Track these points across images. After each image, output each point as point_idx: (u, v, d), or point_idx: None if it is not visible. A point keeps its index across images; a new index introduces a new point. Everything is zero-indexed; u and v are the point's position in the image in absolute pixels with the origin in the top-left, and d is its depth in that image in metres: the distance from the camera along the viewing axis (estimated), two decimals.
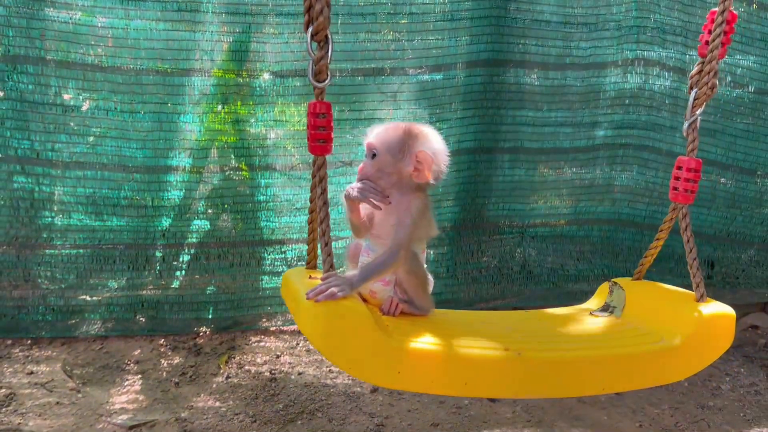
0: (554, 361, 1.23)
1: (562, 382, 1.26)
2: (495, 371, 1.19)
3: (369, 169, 1.25)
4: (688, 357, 1.34)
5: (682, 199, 1.43)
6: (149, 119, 2.42)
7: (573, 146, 2.86)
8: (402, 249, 1.22)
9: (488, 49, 2.66)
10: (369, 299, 1.30)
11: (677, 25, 2.72)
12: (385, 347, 1.12)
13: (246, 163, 2.58)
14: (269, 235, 2.65)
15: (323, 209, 1.15)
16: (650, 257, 1.53)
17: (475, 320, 1.47)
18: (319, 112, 1.15)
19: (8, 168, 2.35)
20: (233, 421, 2.08)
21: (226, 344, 2.57)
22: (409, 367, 1.13)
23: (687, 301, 1.39)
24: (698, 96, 1.37)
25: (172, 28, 2.36)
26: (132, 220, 2.49)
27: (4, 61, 2.25)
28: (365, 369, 1.13)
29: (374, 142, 1.25)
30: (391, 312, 1.28)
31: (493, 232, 2.91)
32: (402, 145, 1.24)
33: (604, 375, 1.27)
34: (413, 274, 1.27)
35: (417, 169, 1.23)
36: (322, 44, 1.12)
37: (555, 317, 1.55)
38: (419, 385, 1.17)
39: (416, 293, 1.29)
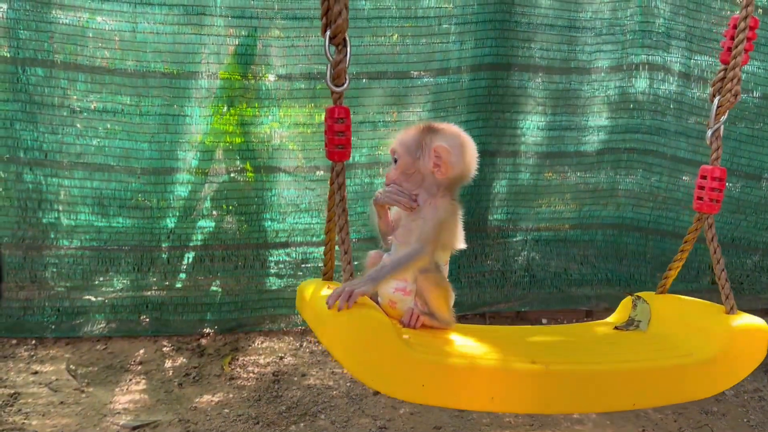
0: (583, 375, 1.19)
1: (591, 397, 1.22)
2: (523, 386, 1.16)
3: (393, 173, 1.26)
4: (720, 372, 1.29)
5: (707, 209, 1.38)
6: (155, 121, 2.44)
7: (577, 150, 2.86)
8: (426, 247, 1.19)
9: (493, 53, 2.67)
10: (389, 311, 1.27)
11: (682, 29, 2.72)
12: (408, 360, 1.09)
13: (251, 165, 2.59)
14: (273, 237, 2.66)
15: (342, 216, 1.13)
16: (675, 269, 1.46)
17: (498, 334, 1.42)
18: (337, 117, 1.12)
19: (17, 169, 2.37)
20: (236, 422, 2.09)
21: (229, 345, 2.58)
22: (433, 381, 1.10)
23: (717, 314, 1.34)
24: (721, 103, 1.33)
25: (179, 31, 2.38)
26: (137, 221, 2.51)
27: (14, 63, 2.27)
28: (389, 383, 1.10)
29: (395, 146, 1.26)
30: (412, 324, 1.25)
31: (497, 236, 2.91)
32: (419, 143, 1.23)
33: (634, 390, 1.24)
34: (435, 285, 1.24)
35: (436, 165, 1.22)
36: (340, 47, 1.10)
37: (579, 331, 1.51)
38: (445, 400, 1.15)
39: (438, 305, 1.25)
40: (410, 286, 1.24)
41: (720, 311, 1.34)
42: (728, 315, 1.32)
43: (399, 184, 1.24)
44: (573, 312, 2.99)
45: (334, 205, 1.15)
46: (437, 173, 1.23)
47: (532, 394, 1.16)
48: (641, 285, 2.85)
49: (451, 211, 1.24)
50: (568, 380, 1.17)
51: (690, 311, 1.40)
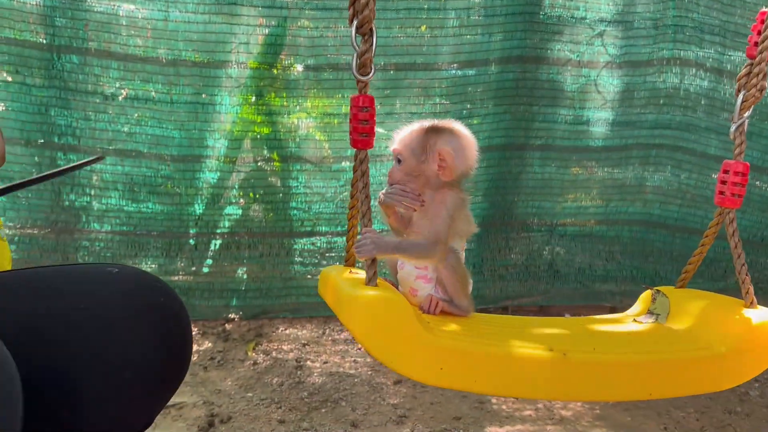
0: (601, 364, 1.19)
1: (608, 386, 1.22)
2: (540, 372, 1.15)
3: (397, 174, 1.25)
4: (738, 364, 1.29)
5: (729, 204, 1.37)
6: (185, 109, 2.48)
7: (605, 145, 2.84)
8: (439, 241, 1.20)
9: (521, 46, 2.65)
10: (410, 298, 1.29)
11: (716, 24, 2.67)
12: (427, 343, 1.10)
13: (278, 155, 2.63)
14: (299, 226, 2.69)
15: (365, 203, 1.14)
16: (695, 264, 1.46)
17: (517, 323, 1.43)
18: (362, 106, 1.12)
19: (51, 154, 2.43)
20: (259, 406, 2.13)
21: (253, 331, 2.63)
22: (451, 364, 1.11)
23: (736, 308, 1.33)
24: (746, 98, 1.32)
25: (210, 21, 2.41)
26: (166, 207, 2.56)
27: (50, 50, 2.32)
28: (407, 364, 1.11)
29: (398, 148, 1.25)
30: (432, 311, 1.26)
31: (522, 230, 2.91)
32: (423, 145, 1.22)
33: (652, 380, 1.23)
34: (454, 271, 1.25)
35: (441, 167, 1.22)
36: (366, 37, 1.09)
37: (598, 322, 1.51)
38: (462, 383, 1.15)
39: (456, 291, 1.27)
40: (431, 273, 1.26)
41: (740, 305, 1.34)
42: (748, 309, 1.32)
43: (403, 183, 1.24)
44: (596, 308, 2.98)
45: (357, 191, 1.16)
46: (441, 174, 1.23)
47: (548, 380, 1.16)
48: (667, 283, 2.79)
49: (459, 202, 1.25)
50: (584, 368, 1.18)
51: (709, 305, 1.40)
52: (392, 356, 1.09)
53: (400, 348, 1.09)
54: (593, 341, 1.30)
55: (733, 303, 1.37)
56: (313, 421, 2.06)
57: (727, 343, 1.27)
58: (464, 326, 1.23)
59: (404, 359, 1.10)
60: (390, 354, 1.09)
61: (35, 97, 2.35)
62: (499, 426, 2.12)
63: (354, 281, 1.14)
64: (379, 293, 1.09)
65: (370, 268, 1.11)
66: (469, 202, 1.30)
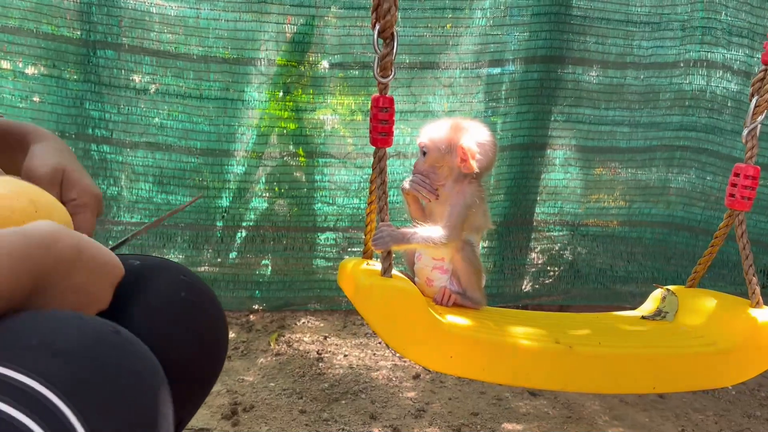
0: (605, 357, 1.24)
1: (611, 378, 1.26)
2: (545, 362, 1.21)
3: (422, 165, 1.35)
4: (742, 361, 1.33)
5: (738, 206, 1.40)
6: (214, 104, 2.54)
7: (629, 146, 2.83)
8: (453, 229, 1.27)
9: (547, 45, 2.66)
10: (425, 289, 1.35)
11: (744, 26, 2.65)
12: (438, 331, 1.16)
13: (303, 150, 2.67)
14: (322, 221, 2.74)
15: (383, 198, 1.20)
16: (704, 264, 1.50)
17: (525, 316, 1.49)
18: (382, 106, 1.19)
19: (84, 146, 2.50)
20: (281, 396, 2.18)
21: (276, 323, 2.68)
22: (460, 352, 1.16)
23: (742, 308, 1.37)
24: (759, 103, 1.35)
25: (240, 18, 2.47)
26: None
27: (86, 45, 2.40)
28: (419, 351, 1.16)
29: (424, 141, 1.34)
30: (444, 302, 1.32)
31: (543, 229, 2.92)
32: (447, 140, 1.32)
33: (655, 374, 1.28)
34: (469, 263, 1.31)
35: (462, 160, 1.30)
36: (388, 41, 1.16)
37: (606, 319, 1.56)
38: (470, 372, 1.21)
39: (470, 284, 1.33)
40: (447, 264, 1.31)
41: (746, 305, 1.37)
42: (753, 308, 1.35)
43: (426, 175, 1.34)
44: (616, 309, 2.94)
45: (376, 188, 1.22)
46: (463, 168, 1.31)
47: (554, 371, 1.21)
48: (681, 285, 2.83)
49: (478, 196, 1.32)
50: (590, 361, 1.22)
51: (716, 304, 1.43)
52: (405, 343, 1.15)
53: (413, 336, 1.15)
54: (599, 336, 1.35)
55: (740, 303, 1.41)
56: (333, 412, 2.10)
57: (732, 340, 1.31)
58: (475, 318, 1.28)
59: (416, 347, 1.16)
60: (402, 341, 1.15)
61: (71, 90, 2.43)
62: (516, 423, 2.15)
63: (370, 272, 1.20)
64: (394, 283, 1.15)
65: (386, 260, 1.17)
66: (487, 197, 1.37)
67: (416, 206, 1.37)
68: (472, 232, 1.34)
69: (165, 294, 0.99)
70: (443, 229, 1.27)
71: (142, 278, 0.98)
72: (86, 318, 0.66)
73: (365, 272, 1.20)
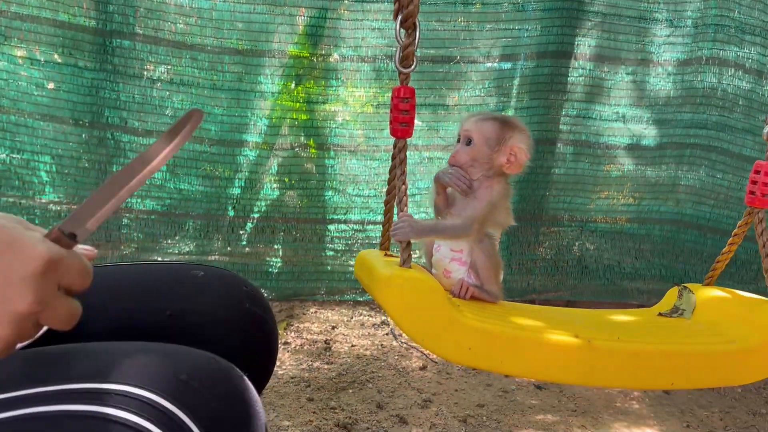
0: (624, 352, 1.23)
1: (630, 373, 1.26)
2: (564, 356, 1.20)
3: (463, 156, 1.29)
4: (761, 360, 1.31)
5: (759, 204, 1.39)
6: (227, 95, 2.56)
7: (639, 143, 2.84)
8: (476, 223, 1.26)
9: (558, 41, 2.67)
10: (443, 280, 1.33)
11: (757, 25, 2.65)
12: (457, 323, 1.16)
13: (315, 142, 2.70)
14: (332, 213, 2.76)
15: (402, 189, 1.20)
16: (722, 262, 1.49)
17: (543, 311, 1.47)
18: (403, 96, 1.18)
19: (99, 134, 2.54)
20: (289, 384, 2.21)
21: (285, 312, 2.71)
22: (479, 345, 1.16)
23: (762, 306, 1.36)
24: None
25: (254, 11, 2.49)
26: (206, 189, 2.65)
27: (102, 35, 2.42)
28: (438, 343, 1.16)
29: (472, 131, 1.29)
30: (462, 295, 1.30)
31: (552, 225, 2.93)
32: (499, 136, 1.28)
33: (674, 370, 1.27)
34: (488, 256, 1.30)
35: (509, 161, 1.28)
36: (410, 31, 1.15)
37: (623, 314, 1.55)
38: (489, 364, 1.20)
39: (488, 277, 1.31)
40: (465, 257, 1.31)
41: (765, 303, 1.36)
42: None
43: (464, 168, 1.29)
44: (623, 305, 2.98)
45: (395, 178, 1.22)
46: (508, 168, 1.29)
47: (572, 365, 1.21)
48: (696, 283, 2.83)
49: (505, 193, 1.31)
50: (608, 356, 1.21)
51: (735, 302, 1.42)
52: (424, 335, 1.15)
53: (431, 327, 1.15)
54: (618, 331, 1.34)
55: (759, 301, 1.40)
56: (341, 400, 2.13)
57: (752, 338, 1.29)
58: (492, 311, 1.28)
59: (435, 338, 1.15)
60: (422, 333, 1.15)
61: (86, 79, 2.46)
62: (521, 415, 2.17)
63: (389, 263, 1.20)
64: (414, 274, 1.15)
65: (405, 251, 1.17)
66: (512, 194, 1.35)
67: (443, 196, 1.33)
68: (493, 227, 1.33)
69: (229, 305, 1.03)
70: (466, 223, 1.25)
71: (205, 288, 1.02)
72: (218, 359, 0.77)
73: (384, 264, 1.20)
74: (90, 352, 0.76)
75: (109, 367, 0.70)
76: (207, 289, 1.02)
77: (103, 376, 0.68)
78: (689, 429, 2.20)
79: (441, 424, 2.05)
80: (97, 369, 0.70)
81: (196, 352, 0.76)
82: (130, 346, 0.77)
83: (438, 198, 1.34)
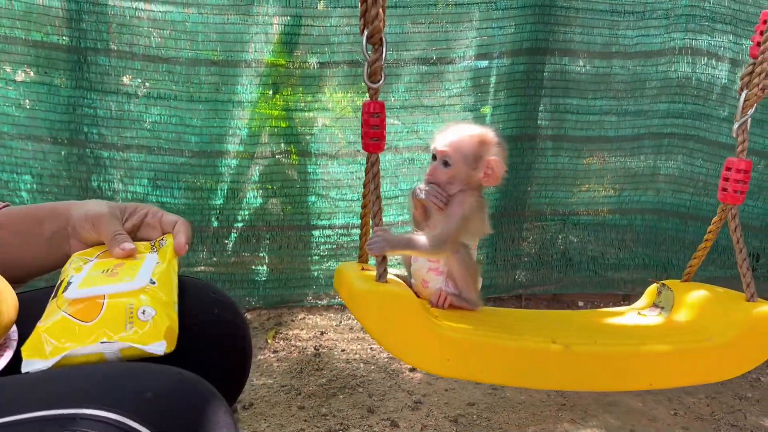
0: (601, 355, 1.24)
1: (608, 376, 1.27)
2: (542, 363, 1.21)
3: (442, 176, 1.29)
4: (737, 356, 1.33)
5: (731, 200, 1.40)
6: (205, 107, 2.56)
7: (617, 135, 2.86)
8: (448, 239, 1.26)
9: (532, 38, 2.69)
10: (421, 290, 1.34)
11: (728, 13, 2.68)
12: (434, 334, 1.16)
13: (295, 149, 2.70)
14: (316, 219, 2.77)
15: (376, 203, 1.20)
16: (699, 258, 1.49)
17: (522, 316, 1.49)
18: (373, 112, 1.18)
19: (78, 151, 2.53)
20: (279, 392, 2.22)
21: (273, 320, 2.72)
22: (458, 354, 1.17)
23: (737, 301, 1.37)
24: (749, 97, 1.34)
25: (228, 21, 2.49)
26: (189, 201, 2.65)
27: (76, 52, 2.41)
28: (415, 355, 1.17)
29: (449, 152, 1.28)
30: (440, 304, 1.31)
31: (535, 220, 2.96)
32: (477, 154, 1.27)
33: (652, 370, 1.28)
34: (464, 265, 1.30)
35: (487, 175, 1.28)
36: (376, 47, 1.15)
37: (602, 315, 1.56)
38: (468, 374, 1.21)
39: (465, 285, 1.31)
40: (442, 266, 1.31)
41: (741, 299, 1.38)
42: (748, 302, 1.36)
43: (442, 186, 1.29)
44: (610, 296, 3.02)
45: (369, 192, 1.22)
46: (485, 182, 1.29)
47: (551, 371, 1.22)
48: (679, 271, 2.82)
49: (477, 206, 1.30)
50: (586, 360, 1.23)
51: (711, 298, 1.43)
52: (402, 349, 1.16)
53: (409, 341, 1.16)
54: (596, 334, 1.35)
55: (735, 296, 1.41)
56: (332, 407, 2.14)
57: (727, 335, 1.31)
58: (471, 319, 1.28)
59: (413, 351, 1.17)
60: (400, 346, 1.16)
61: (62, 97, 2.45)
62: (512, 412, 2.19)
63: (366, 277, 1.20)
64: (389, 289, 1.15)
65: (381, 265, 1.18)
66: (487, 205, 1.36)
67: (421, 210, 1.34)
68: (468, 239, 1.34)
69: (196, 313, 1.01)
70: (438, 242, 1.25)
71: None
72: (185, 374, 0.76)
73: (361, 278, 1.20)
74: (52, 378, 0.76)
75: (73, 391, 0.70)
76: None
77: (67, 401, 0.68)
78: (677, 417, 2.23)
79: (432, 425, 2.07)
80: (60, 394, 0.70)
81: (162, 369, 0.76)
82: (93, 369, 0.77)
83: (416, 212, 1.35)
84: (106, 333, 0.77)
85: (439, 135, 1.31)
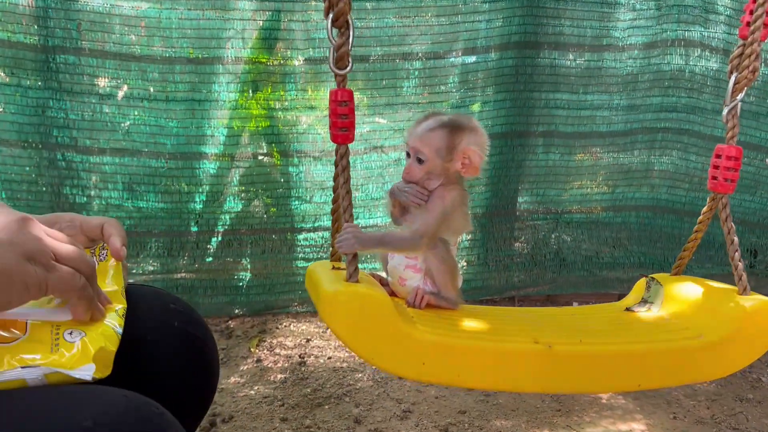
0: (586, 355, 1.17)
1: (594, 378, 1.20)
2: (524, 365, 1.14)
3: (417, 173, 1.22)
4: (729, 353, 1.25)
5: (721, 189, 1.34)
6: (182, 106, 2.46)
7: (610, 130, 2.79)
8: (425, 234, 1.19)
9: (521, 31, 2.61)
10: (398, 288, 1.27)
11: (720, 4, 2.61)
12: (407, 337, 1.08)
13: (277, 149, 2.61)
14: (300, 221, 2.68)
15: (347, 198, 1.12)
16: (689, 250, 1.44)
17: (504, 314, 1.41)
18: (340, 100, 1.09)
19: (49, 155, 2.42)
20: (262, 404, 2.12)
21: (257, 327, 2.62)
22: (433, 358, 1.09)
23: (729, 296, 1.30)
24: (738, 80, 1.29)
25: (203, 17, 2.39)
26: (167, 205, 2.55)
27: (44, 51, 2.31)
28: (388, 359, 1.09)
29: (420, 147, 1.21)
30: (417, 304, 1.24)
31: (527, 219, 2.87)
32: (448, 145, 1.20)
33: (640, 370, 1.21)
34: (442, 261, 1.23)
35: (464, 165, 1.21)
36: (343, 30, 1.07)
37: (588, 312, 1.49)
38: (445, 378, 1.13)
39: (444, 283, 1.24)
40: (420, 263, 1.24)
41: (733, 292, 1.30)
42: (741, 296, 1.28)
43: (420, 183, 1.22)
44: (604, 296, 2.93)
45: (339, 187, 1.14)
46: (464, 173, 1.22)
47: (533, 373, 1.14)
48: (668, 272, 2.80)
49: (460, 201, 1.23)
50: (570, 361, 1.15)
51: (702, 293, 1.36)
52: (373, 353, 1.07)
53: (381, 344, 1.07)
54: (580, 333, 1.27)
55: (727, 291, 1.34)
56: (316, 418, 2.04)
57: (719, 331, 1.24)
58: (449, 320, 1.20)
59: (386, 356, 1.08)
60: (371, 351, 1.07)
61: (31, 99, 2.35)
62: (504, 419, 2.10)
63: (336, 277, 1.12)
64: (359, 289, 1.06)
65: (351, 264, 1.09)
66: (468, 199, 1.28)
67: (399, 207, 1.27)
68: (449, 235, 1.26)
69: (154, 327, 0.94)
70: (414, 237, 1.18)
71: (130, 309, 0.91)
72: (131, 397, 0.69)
73: (330, 277, 1.12)
74: None
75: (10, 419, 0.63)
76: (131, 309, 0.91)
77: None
78: (676, 420, 2.15)
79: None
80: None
81: (106, 393, 0.69)
82: (31, 394, 0.69)
83: (394, 210, 1.27)
84: (25, 357, 0.67)
85: (410, 130, 1.24)
